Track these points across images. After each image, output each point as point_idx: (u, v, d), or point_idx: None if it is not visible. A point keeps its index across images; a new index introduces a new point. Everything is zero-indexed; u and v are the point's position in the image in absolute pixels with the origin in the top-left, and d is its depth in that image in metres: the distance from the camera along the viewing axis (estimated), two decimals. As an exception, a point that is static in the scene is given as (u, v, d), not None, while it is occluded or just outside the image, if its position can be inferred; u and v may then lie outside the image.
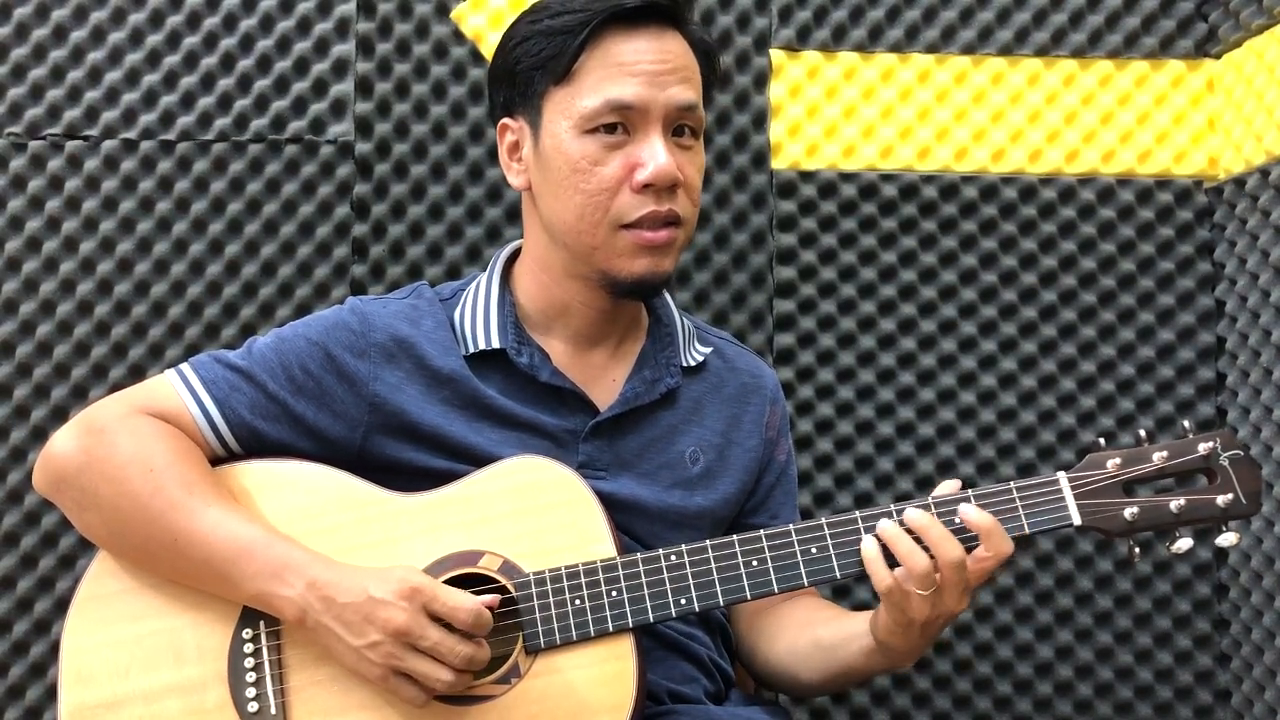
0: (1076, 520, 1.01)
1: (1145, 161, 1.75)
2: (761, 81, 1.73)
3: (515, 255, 1.26)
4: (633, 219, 1.11)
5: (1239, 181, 1.69)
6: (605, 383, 1.21)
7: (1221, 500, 1.00)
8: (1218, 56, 1.74)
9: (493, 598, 1.01)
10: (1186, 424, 1.04)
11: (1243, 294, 1.67)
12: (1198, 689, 1.68)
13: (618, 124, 1.10)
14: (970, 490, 1.04)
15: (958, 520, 1.02)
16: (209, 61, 1.69)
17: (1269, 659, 1.58)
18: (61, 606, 1.61)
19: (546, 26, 1.12)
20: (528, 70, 1.14)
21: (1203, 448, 1.01)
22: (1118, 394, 1.72)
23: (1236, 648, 1.66)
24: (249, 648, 1.05)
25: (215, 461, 1.13)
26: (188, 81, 1.69)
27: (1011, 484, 1.03)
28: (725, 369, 1.29)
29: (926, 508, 1.04)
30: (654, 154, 1.10)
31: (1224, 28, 1.72)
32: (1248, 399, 1.66)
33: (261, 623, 1.06)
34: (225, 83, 1.69)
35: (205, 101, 1.68)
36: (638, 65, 1.10)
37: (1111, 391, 1.72)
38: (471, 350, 1.17)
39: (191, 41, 1.69)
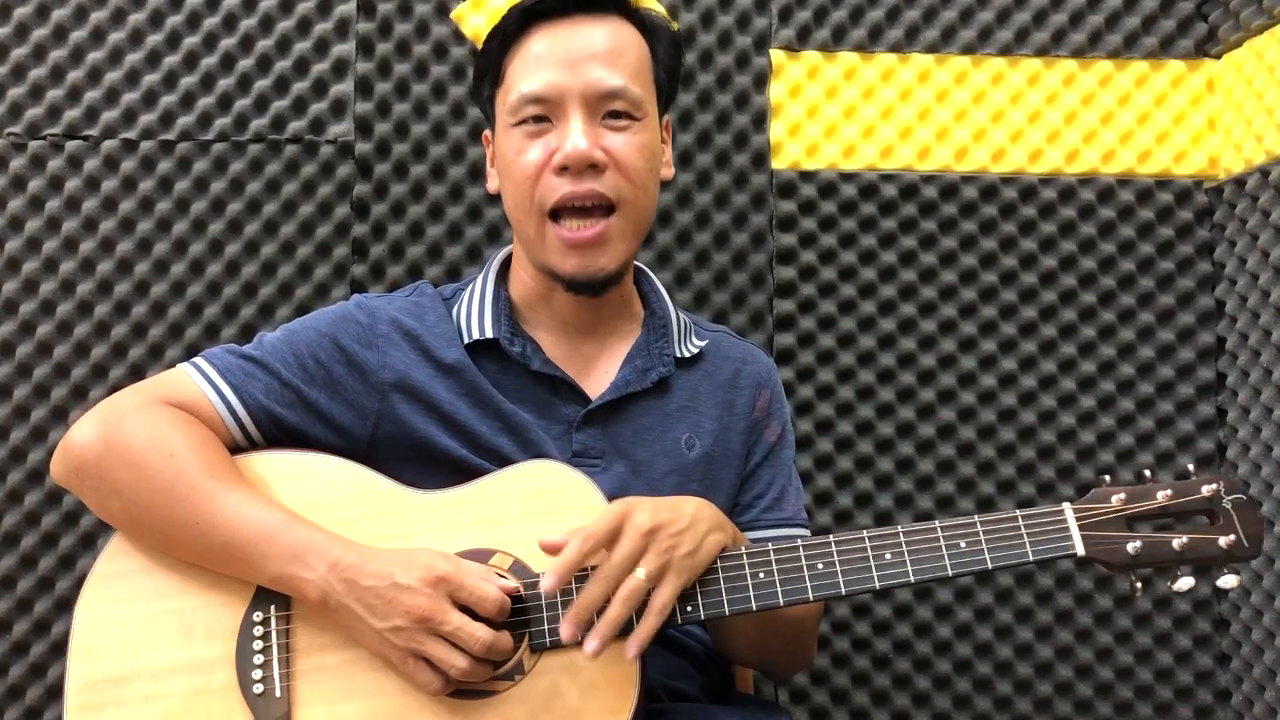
0: (1080, 550, 1.03)
1: (1145, 161, 1.75)
2: (761, 81, 1.73)
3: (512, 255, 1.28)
4: (553, 202, 1.13)
5: (1239, 181, 1.69)
6: (598, 374, 1.23)
7: (1224, 541, 1.02)
8: (1218, 56, 1.75)
9: (515, 585, 1.03)
10: (1190, 467, 1.06)
11: (1243, 294, 1.68)
12: (1198, 689, 1.68)
13: (542, 116, 1.14)
14: (977, 517, 1.04)
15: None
16: (209, 61, 1.69)
17: (1269, 659, 1.59)
18: (61, 606, 1.61)
19: (487, 38, 1.21)
20: (479, 82, 1.23)
21: (1206, 489, 1.03)
22: (1118, 394, 1.72)
23: (1236, 648, 1.66)
24: (258, 630, 1.06)
25: (234, 451, 1.14)
26: (188, 81, 1.69)
27: (1018, 513, 1.05)
28: (720, 357, 1.30)
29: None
30: (566, 136, 1.12)
31: (1224, 28, 1.72)
32: (1248, 399, 1.66)
33: (272, 607, 1.06)
34: (225, 83, 1.69)
35: (205, 101, 1.68)
36: (551, 56, 1.14)
37: (1111, 391, 1.72)
38: (468, 340, 1.18)
39: (191, 41, 1.69)
